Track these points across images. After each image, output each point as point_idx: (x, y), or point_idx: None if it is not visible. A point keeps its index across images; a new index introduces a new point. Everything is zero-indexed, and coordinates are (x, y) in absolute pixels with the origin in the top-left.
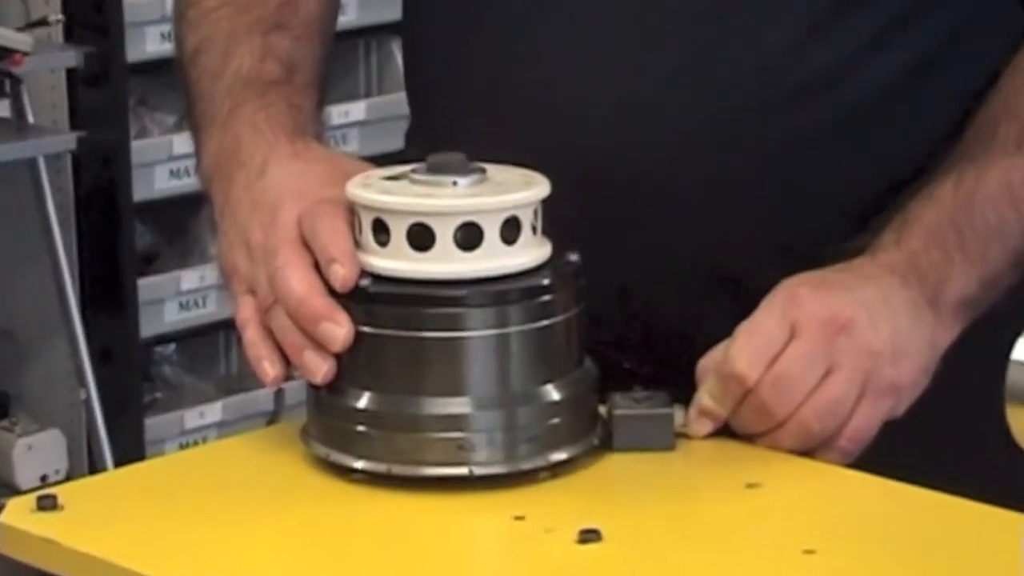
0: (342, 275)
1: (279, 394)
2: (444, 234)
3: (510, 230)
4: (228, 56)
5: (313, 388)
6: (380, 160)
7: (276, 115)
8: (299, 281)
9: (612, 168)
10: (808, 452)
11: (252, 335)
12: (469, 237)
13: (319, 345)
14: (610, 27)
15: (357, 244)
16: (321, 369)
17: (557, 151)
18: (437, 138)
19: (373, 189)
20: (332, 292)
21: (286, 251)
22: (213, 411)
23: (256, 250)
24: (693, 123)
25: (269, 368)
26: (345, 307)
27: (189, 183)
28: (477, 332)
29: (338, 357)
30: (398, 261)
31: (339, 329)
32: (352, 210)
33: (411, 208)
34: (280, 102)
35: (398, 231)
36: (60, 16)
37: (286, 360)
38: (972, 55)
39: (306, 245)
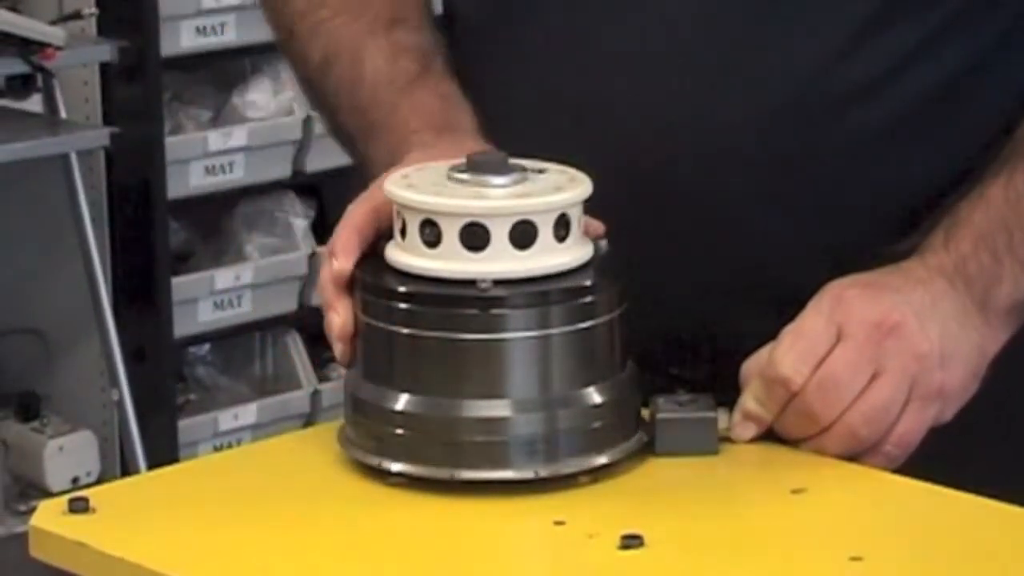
0: (335, 267)
1: (315, 396)
2: (500, 234)
3: (562, 228)
4: (359, 62)
5: (350, 390)
6: None
7: (428, 112)
8: (326, 270)
9: (657, 172)
10: (854, 457)
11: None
12: (523, 236)
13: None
14: (659, 32)
15: (397, 243)
16: (336, 349)
17: (603, 154)
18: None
19: (419, 190)
20: (373, 291)
21: (333, 244)
22: (247, 413)
23: None
24: (740, 128)
25: (334, 315)
26: (386, 308)
27: (224, 180)
28: (518, 334)
29: (375, 357)
30: (450, 262)
31: (336, 318)
32: (395, 208)
33: (466, 209)
34: (429, 97)
35: (450, 232)
36: (93, 10)
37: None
38: (1020, 57)
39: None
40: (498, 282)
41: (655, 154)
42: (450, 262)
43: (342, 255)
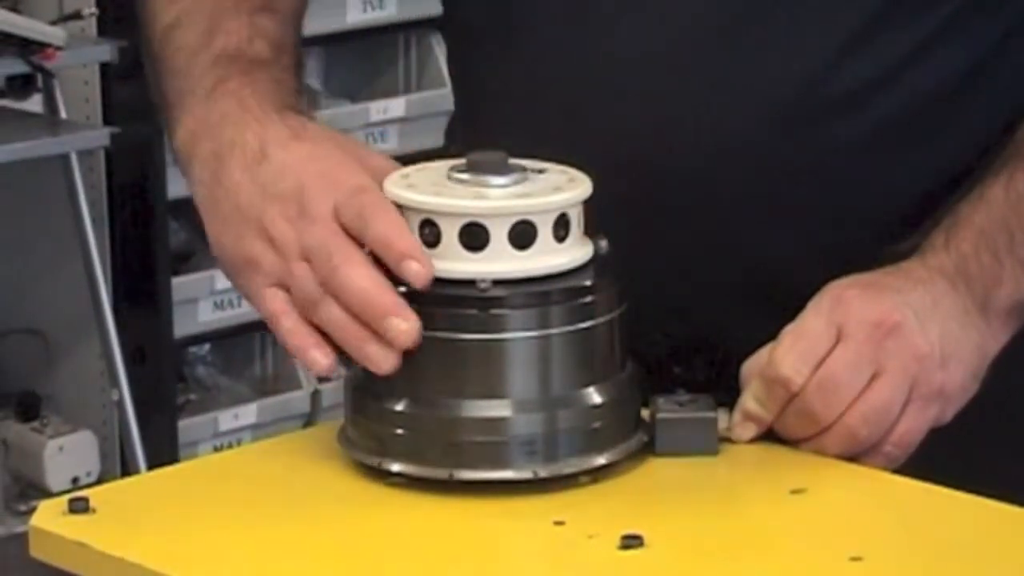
0: (422, 273)
1: (315, 396)
2: (499, 234)
3: (561, 228)
4: (212, 33)
5: (351, 390)
6: (419, 157)
7: (263, 91)
8: (363, 277)
9: (656, 174)
10: (854, 457)
11: (291, 325)
12: (523, 236)
13: (381, 338)
14: (658, 35)
15: None
16: (389, 361)
17: (602, 155)
18: (480, 134)
19: (418, 189)
20: None
21: (341, 248)
22: (248, 413)
23: (285, 244)
24: (739, 131)
25: (321, 357)
26: None
27: None
28: (518, 334)
29: None
30: (449, 262)
31: (405, 324)
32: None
33: (465, 209)
34: (266, 78)
35: (450, 231)
36: (94, 10)
37: (335, 350)
38: (1019, 59)
39: (350, 236)
40: (498, 282)
41: (654, 156)
42: (449, 262)
43: (423, 260)
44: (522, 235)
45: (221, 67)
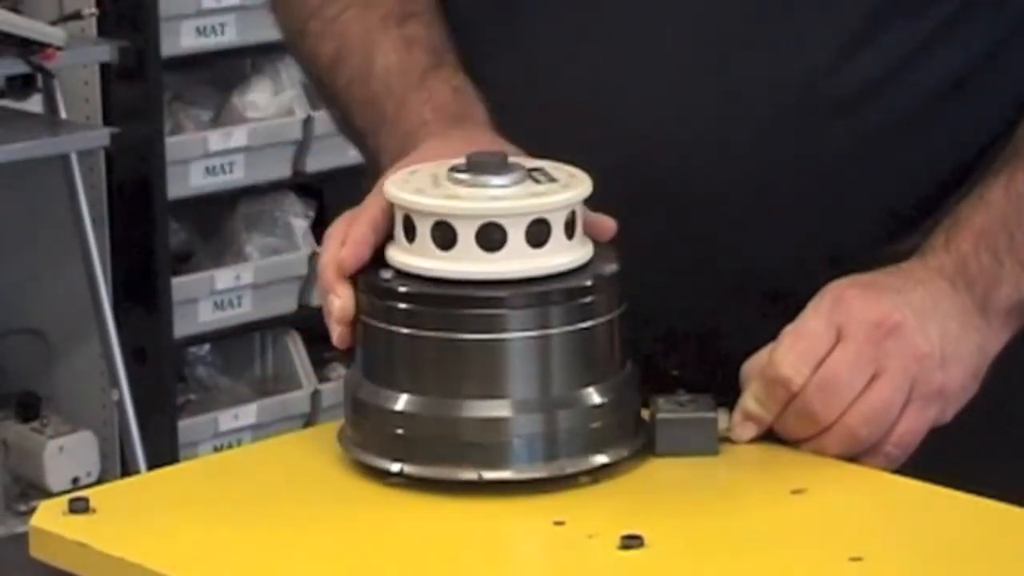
0: (342, 255)
1: (315, 396)
2: (516, 233)
3: (571, 226)
4: (371, 57)
5: (351, 390)
6: None
7: (442, 103)
8: (328, 255)
9: (656, 174)
10: (854, 457)
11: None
12: (539, 235)
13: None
14: (659, 36)
15: (401, 246)
16: (334, 333)
17: (602, 156)
18: None
19: (428, 193)
20: (373, 293)
21: (336, 225)
22: (248, 413)
23: None
24: (740, 131)
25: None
26: (385, 308)
27: (224, 180)
28: (517, 334)
29: (375, 357)
30: (466, 263)
31: (336, 300)
32: (399, 212)
33: (434, 208)
34: (442, 88)
35: (466, 233)
36: (94, 10)
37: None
38: (1018, 59)
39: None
40: (501, 282)
41: (655, 156)
42: (466, 263)
43: (353, 246)
44: (538, 234)
45: (395, 89)
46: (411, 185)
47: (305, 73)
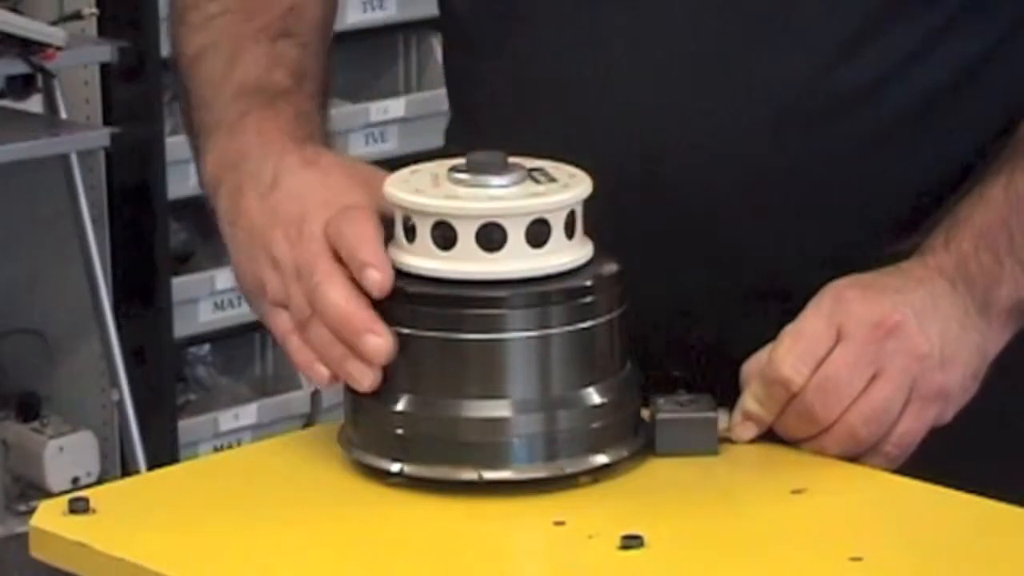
0: (378, 280)
1: (315, 396)
2: (467, 235)
3: (570, 226)
4: (233, 64)
5: (350, 391)
6: (419, 157)
7: (285, 123)
8: (338, 295)
9: (656, 175)
10: (854, 457)
11: (297, 343)
12: (490, 238)
13: (361, 355)
14: (659, 37)
15: (389, 243)
16: (368, 378)
17: (602, 157)
18: (477, 135)
19: (428, 193)
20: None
21: (322, 266)
22: (248, 413)
23: (285, 266)
24: (740, 132)
25: (324, 370)
26: (384, 309)
27: None
28: (518, 334)
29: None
30: (466, 263)
31: (380, 340)
32: (399, 212)
33: (434, 208)
34: (288, 110)
35: (466, 233)
36: (94, 10)
37: None
38: (1018, 59)
39: (339, 256)
40: (501, 282)
41: (655, 156)
42: (465, 263)
43: (383, 267)
44: (538, 234)
45: (243, 100)
46: (410, 185)
47: (171, 59)
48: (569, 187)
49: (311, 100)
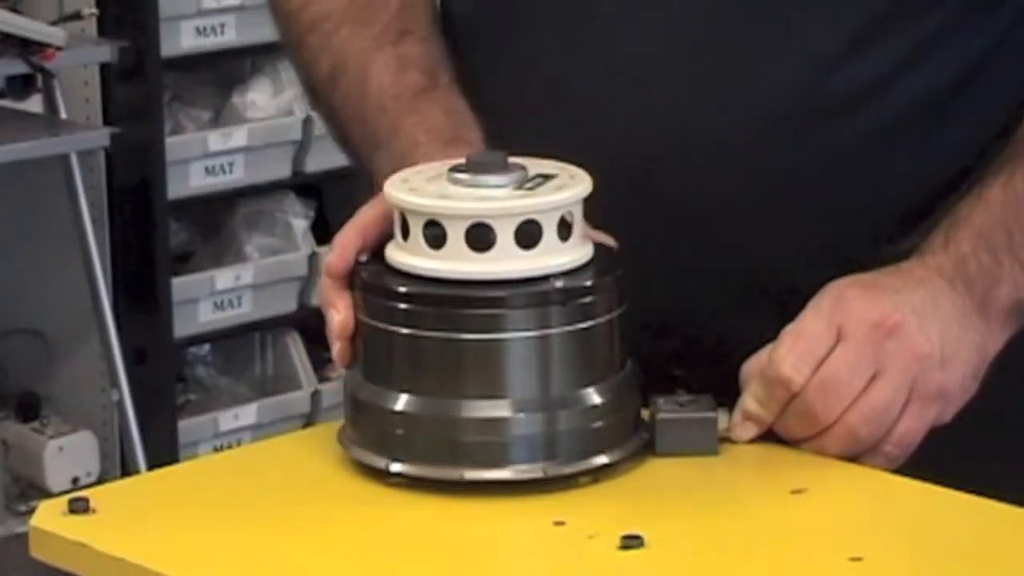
0: (327, 260)
1: (315, 396)
2: (505, 234)
3: (564, 227)
4: (366, 75)
5: (350, 390)
6: None
7: (435, 127)
8: (327, 268)
9: (656, 175)
10: (854, 457)
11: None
12: (528, 236)
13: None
14: (660, 38)
15: (399, 245)
16: (334, 349)
17: (603, 157)
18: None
19: (421, 192)
20: (372, 293)
21: (335, 243)
22: (248, 413)
23: None
24: (741, 133)
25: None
26: (385, 308)
27: (224, 180)
28: (517, 334)
29: (375, 357)
30: (455, 263)
31: (338, 317)
32: (396, 211)
33: (425, 208)
34: (435, 111)
35: (455, 233)
36: (94, 10)
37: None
38: (1018, 58)
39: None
40: (500, 282)
41: (654, 156)
42: (455, 263)
43: (339, 250)
44: (528, 235)
45: (389, 111)
46: (408, 184)
47: (303, 85)
48: (565, 188)
49: (450, 92)
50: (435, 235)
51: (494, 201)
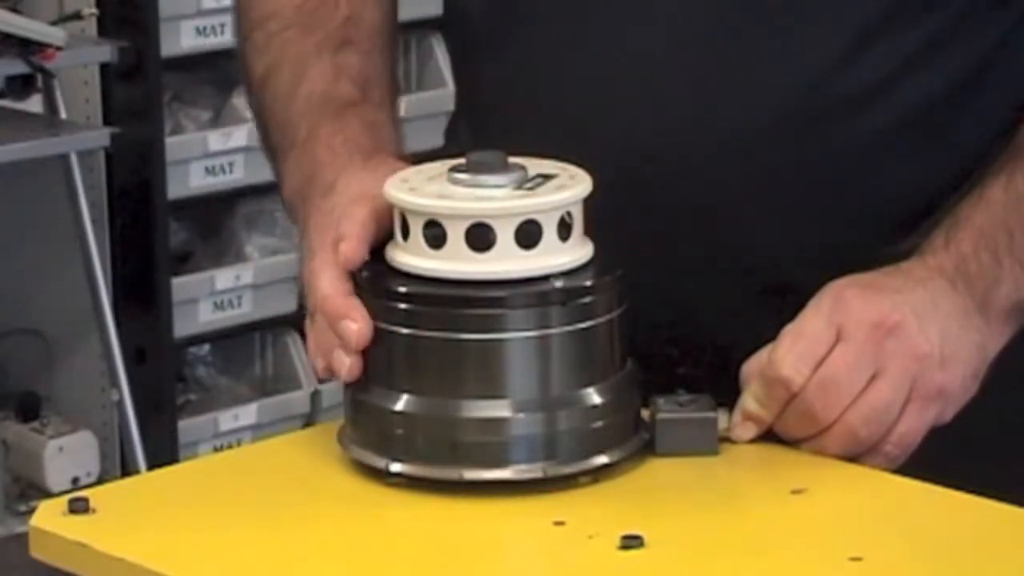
0: (344, 250)
1: (315, 396)
2: (505, 234)
3: (564, 227)
4: (299, 80)
5: (350, 390)
6: (419, 157)
7: (354, 136)
8: (326, 281)
9: (658, 174)
10: (854, 457)
11: (309, 337)
12: (528, 236)
13: (345, 343)
14: (662, 38)
15: (399, 245)
16: (344, 366)
17: (604, 157)
18: (482, 134)
19: (420, 192)
20: (372, 293)
21: (320, 254)
22: (247, 413)
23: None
24: (742, 133)
25: (320, 361)
26: (386, 308)
27: (224, 180)
28: (517, 334)
29: (375, 358)
30: (455, 263)
31: (355, 326)
32: (396, 211)
33: (425, 208)
34: (356, 122)
35: (456, 233)
36: (94, 10)
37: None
38: (1021, 60)
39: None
40: (501, 282)
41: (656, 156)
42: (455, 263)
43: (353, 241)
44: (528, 235)
45: (312, 116)
46: (408, 184)
47: (242, 79)
48: (565, 188)
49: (378, 108)
50: (435, 235)
51: (494, 201)
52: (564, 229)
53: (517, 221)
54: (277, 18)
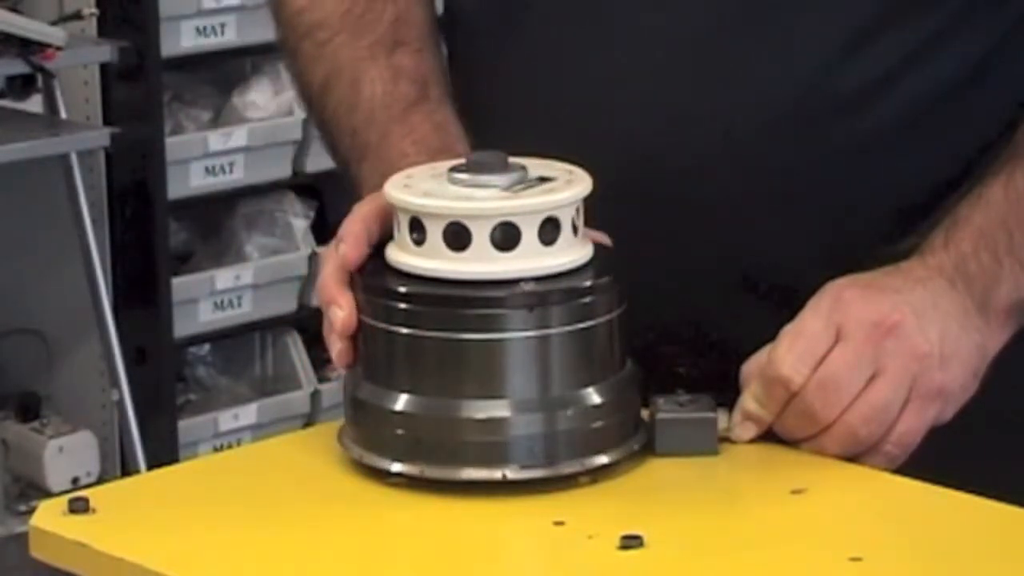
0: (342, 250)
1: (315, 396)
2: (481, 235)
3: (549, 231)
4: (358, 85)
5: (350, 391)
6: None
7: (423, 137)
8: (327, 269)
9: (657, 174)
10: (854, 457)
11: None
12: (506, 238)
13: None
14: (661, 37)
15: (395, 242)
16: (335, 349)
17: (604, 157)
18: (482, 134)
19: (412, 190)
20: (373, 291)
21: (337, 245)
22: (247, 413)
23: None
24: (741, 132)
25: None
26: (386, 308)
27: (224, 180)
28: (517, 334)
29: (375, 357)
30: (434, 260)
31: (341, 313)
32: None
33: (447, 210)
34: (424, 123)
35: (434, 232)
36: (94, 10)
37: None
38: (1020, 58)
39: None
40: (504, 282)
41: (656, 156)
42: (433, 261)
43: (351, 240)
44: (505, 237)
45: (378, 121)
46: (415, 188)
47: (297, 91)
48: (553, 191)
49: (440, 105)
50: (458, 237)
51: (472, 202)
52: (549, 233)
53: (493, 223)
54: (324, 27)
